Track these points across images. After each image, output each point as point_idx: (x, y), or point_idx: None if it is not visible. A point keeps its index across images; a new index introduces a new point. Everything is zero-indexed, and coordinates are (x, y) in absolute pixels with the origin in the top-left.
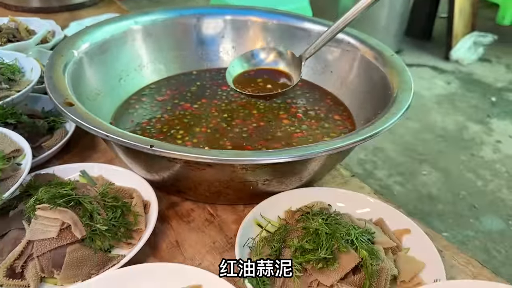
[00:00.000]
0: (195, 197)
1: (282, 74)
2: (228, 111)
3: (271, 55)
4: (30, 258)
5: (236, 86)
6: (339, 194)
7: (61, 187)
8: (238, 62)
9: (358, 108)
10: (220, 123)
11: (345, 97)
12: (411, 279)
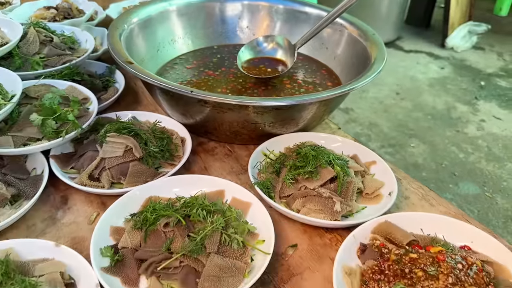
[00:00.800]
0: (218, 137)
1: (279, 62)
2: (242, 77)
3: (271, 44)
4: (103, 169)
5: (243, 69)
6: (325, 137)
7: (122, 123)
8: (245, 49)
9: (346, 76)
10: (236, 86)
11: (336, 68)
12: (372, 192)
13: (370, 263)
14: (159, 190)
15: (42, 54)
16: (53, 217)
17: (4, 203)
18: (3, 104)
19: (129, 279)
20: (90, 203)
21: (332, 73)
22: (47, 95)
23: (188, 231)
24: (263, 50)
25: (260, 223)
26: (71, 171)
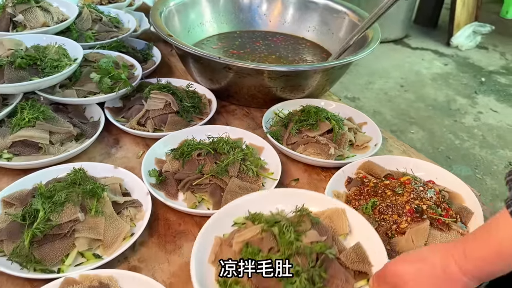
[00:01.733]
0: (238, 100)
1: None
2: (264, 57)
3: None
4: (148, 119)
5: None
6: (326, 102)
7: (162, 84)
8: None
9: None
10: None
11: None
12: (362, 144)
13: (353, 189)
14: (192, 134)
15: (94, 30)
16: (108, 152)
17: (71, 139)
18: (69, 64)
19: (170, 193)
20: (137, 144)
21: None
22: (103, 60)
23: (216, 160)
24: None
25: (271, 161)
26: (121, 119)
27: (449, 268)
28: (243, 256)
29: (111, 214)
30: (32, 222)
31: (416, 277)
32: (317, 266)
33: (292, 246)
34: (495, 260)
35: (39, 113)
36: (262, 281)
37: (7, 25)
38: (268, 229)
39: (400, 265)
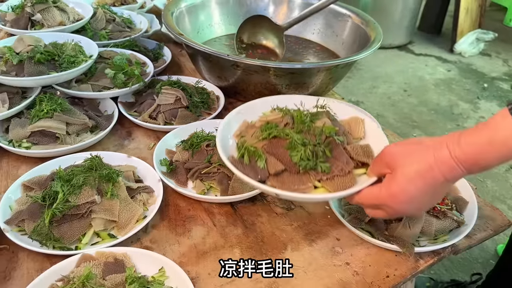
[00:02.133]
0: (245, 97)
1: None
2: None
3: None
4: (159, 112)
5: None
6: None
7: (173, 81)
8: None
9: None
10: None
11: (342, 52)
12: None
13: None
14: (201, 127)
15: (108, 29)
16: (121, 143)
17: (86, 130)
18: (85, 60)
19: (180, 181)
20: (148, 136)
21: (337, 56)
22: (117, 57)
23: None
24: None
25: None
26: (134, 113)
27: (440, 150)
28: (262, 129)
29: (125, 197)
30: (51, 203)
31: (407, 155)
32: (323, 144)
33: (305, 124)
34: (486, 148)
35: (56, 105)
36: (272, 147)
37: (26, 24)
38: (288, 113)
39: (395, 146)
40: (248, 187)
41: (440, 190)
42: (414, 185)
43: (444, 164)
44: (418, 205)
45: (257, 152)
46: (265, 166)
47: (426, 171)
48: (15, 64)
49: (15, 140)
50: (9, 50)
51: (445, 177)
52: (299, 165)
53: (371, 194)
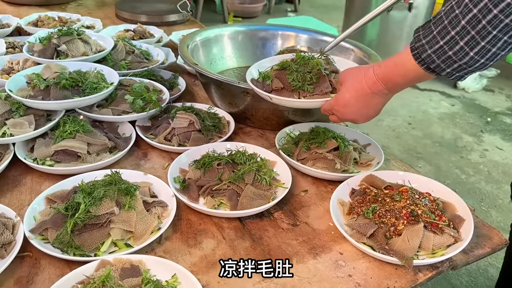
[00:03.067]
0: (254, 122)
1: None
2: None
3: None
4: (173, 135)
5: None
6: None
7: (187, 106)
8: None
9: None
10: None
11: None
12: (366, 162)
13: (356, 198)
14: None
15: (127, 60)
16: (137, 163)
17: (106, 150)
18: (106, 86)
19: (192, 197)
20: (163, 157)
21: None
22: (136, 84)
23: (233, 169)
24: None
25: (282, 173)
26: (150, 136)
27: (367, 70)
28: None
29: (141, 210)
30: (73, 214)
31: (348, 75)
32: (312, 73)
33: (304, 59)
34: (393, 68)
35: (79, 126)
36: (279, 74)
37: (52, 54)
38: (297, 54)
39: (346, 70)
40: (256, 203)
41: (369, 101)
42: (349, 93)
43: (369, 78)
44: (354, 110)
45: (267, 75)
46: (270, 83)
47: (357, 83)
48: (42, 89)
49: (39, 158)
50: (37, 76)
51: (371, 89)
52: (292, 85)
53: (328, 103)
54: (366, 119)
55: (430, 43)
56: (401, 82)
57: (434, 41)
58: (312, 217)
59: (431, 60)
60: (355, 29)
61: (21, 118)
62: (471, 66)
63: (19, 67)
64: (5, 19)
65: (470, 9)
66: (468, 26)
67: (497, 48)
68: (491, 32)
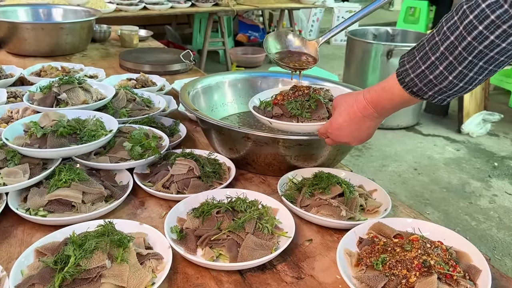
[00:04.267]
0: (255, 168)
1: (306, 56)
2: None
3: (297, 40)
4: (172, 182)
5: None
6: (338, 171)
7: (186, 152)
8: (272, 41)
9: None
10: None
11: None
12: (372, 209)
13: (365, 247)
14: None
15: (128, 108)
16: (134, 212)
17: (101, 200)
18: (104, 134)
19: (190, 248)
20: (161, 205)
21: None
22: (135, 131)
23: (233, 217)
24: (291, 45)
25: (285, 221)
26: (148, 184)
27: (358, 95)
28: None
29: (135, 263)
30: (62, 268)
31: (341, 100)
32: (310, 102)
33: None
34: (381, 93)
35: (75, 175)
36: (279, 102)
37: (52, 102)
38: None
39: (339, 96)
40: (257, 254)
41: (361, 123)
42: (341, 117)
43: (359, 103)
44: (347, 133)
45: (268, 103)
46: (271, 110)
47: (349, 108)
48: (39, 137)
49: (32, 208)
50: (34, 124)
51: (361, 113)
52: (291, 112)
53: (324, 126)
54: (359, 142)
55: (413, 68)
56: (388, 106)
57: (417, 66)
58: (317, 269)
59: (414, 83)
60: (351, 23)
61: (16, 166)
62: (451, 89)
63: (18, 116)
64: (8, 70)
65: (448, 37)
66: (446, 52)
67: (474, 73)
68: (466, 58)
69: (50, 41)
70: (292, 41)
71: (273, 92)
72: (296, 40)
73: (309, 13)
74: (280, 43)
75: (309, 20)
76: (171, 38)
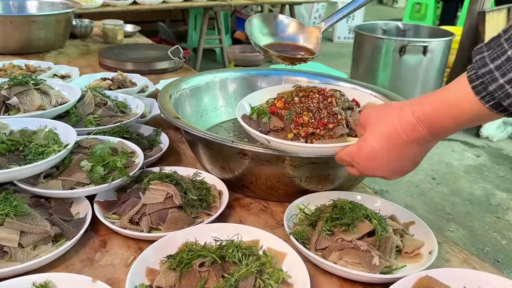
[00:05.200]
0: (254, 192)
1: (304, 49)
2: None
3: (292, 27)
4: (144, 215)
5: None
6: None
7: (164, 173)
8: (259, 28)
9: None
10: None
11: None
12: (412, 251)
13: None
14: (195, 235)
15: (96, 114)
16: (91, 258)
17: (47, 241)
18: (57, 150)
19: None
20: (128, 247)
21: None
22: (98, 145)
23: (223, 272)
24: (284, 32)
25: (296, 274)
26: (113, 216)
27: (404, 110)
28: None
29: None
30: None
31: (376, 117)
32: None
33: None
34: (440, 108)
35: (10, 208)
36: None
37: None
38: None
39: (369, 108)
40: None
41: (406, 151)
42: (378, 143)
43: (407, 123)
44: (384, 164)
45: (264, 111)
46: (268, 122)
47: (390, 130)
48: None
49: None
50: None
51: (408, 137)
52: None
53: (347, 151)
54: (399, 175)
55: (503, 69)
56: (451, 126)
57: (510, 66)
58: None
59: (505, 93)
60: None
61: None
62: None
63: None
64: None
65: None
66: None
67: None
68: None
69: (20, 36)
70: (284, 26)
71: (268, 94)
72: (291, 25)
73: (311, 9)
74: (269, 27)
75: (311, 16)
76: (164, 35)
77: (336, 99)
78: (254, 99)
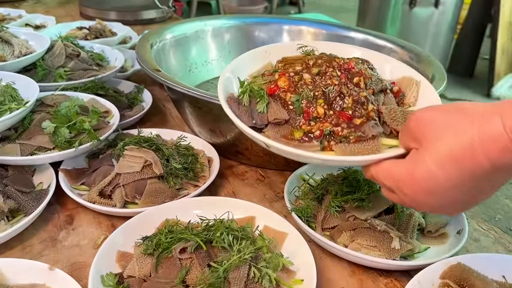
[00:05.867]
0: (250, 159)
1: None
2: None
3: None
4: (117, 186)
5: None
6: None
7: (143, 137)
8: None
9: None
10: None
11: None
12: (436, 230)
13: None
14: (178, 212)
15: (67, 67)
16: (54, 238)
17: (2, 216)
18: (14, 108)
19: None
20: (98, 224)
21: None
22: (64, 103)
23: (209, 260)
24: None
25: (298, 259)
26: (81, 187)
27: (489, 122)
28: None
29: None
30: None
31: (441, 127)
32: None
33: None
34: None
35: None
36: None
37: None
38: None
39: (428, 110)
40: None
41: (484, 184)
42: (443, 171)
43: (494, 141)
44: (448, 200)
45: (260, 93)
46: (265, 110)
47: (464, 152)
48: None
49: None
50: None
51: (492, 162)
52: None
53: (389, 170)
54: (469, 207)
55: None
56: None
57: None
58: None
59: None
60: None
61: None
62: None
63: None
64: None
65: None
66: None
67: None
68: None
69: None
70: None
71: (264, 59)
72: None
73: None
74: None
75: None
76: None
77: (365, 78)
78: (244, 67)
